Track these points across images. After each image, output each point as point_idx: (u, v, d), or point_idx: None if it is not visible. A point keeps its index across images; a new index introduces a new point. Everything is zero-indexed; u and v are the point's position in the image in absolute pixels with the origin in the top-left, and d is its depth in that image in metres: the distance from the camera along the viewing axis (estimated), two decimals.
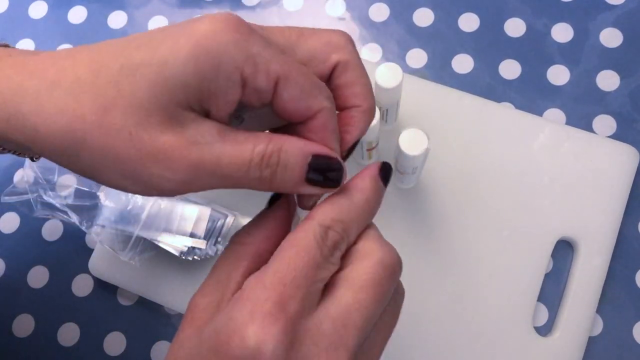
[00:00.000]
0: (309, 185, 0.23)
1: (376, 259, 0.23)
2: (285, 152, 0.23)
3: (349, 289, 0.22)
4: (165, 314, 0.45)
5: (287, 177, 0.23)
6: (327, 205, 0.24)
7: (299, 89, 0.23)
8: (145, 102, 0.22)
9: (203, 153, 0.22)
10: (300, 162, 0.23)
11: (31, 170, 0.43)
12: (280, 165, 0.23)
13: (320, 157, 0.23)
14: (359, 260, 0.23)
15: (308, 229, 0.23)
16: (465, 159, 0.44)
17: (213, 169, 0.22)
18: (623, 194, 0.43)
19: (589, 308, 0.41)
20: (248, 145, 0.22)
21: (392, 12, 0.51)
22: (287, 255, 0.22)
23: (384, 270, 0.23)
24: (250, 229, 0.25)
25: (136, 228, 0.41)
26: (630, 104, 0.47)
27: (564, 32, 0.49)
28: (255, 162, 0.22)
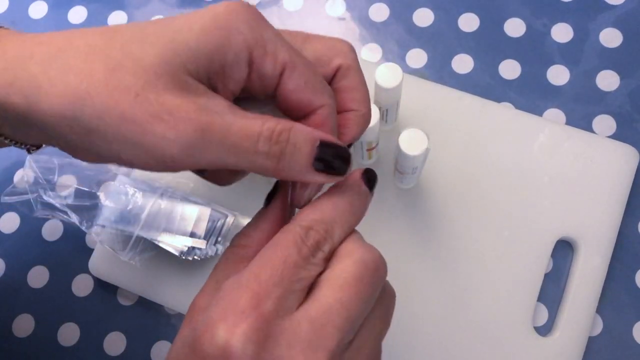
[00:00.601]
0: (315, 172, 0.23)
1: (356, 257, 0.23)
2: (295, 132, 0.23)
3: (329, 288, 0.22)
4: (165, 314, 0.45)
5: (296, 158, 0.23)
6: (309, 208, 0.24)
7: (304, 80, 0.23)
8: (155, 66, 0.22)
9: (213, 118, 0.22)
10: (309, 144, 0.23)
11: (31, 170, 0.43)
12: (290, 143, 0.23)
13: (329, 143, 0.23)
14: (340, 260, 0.23)
15: (289, 229, 0.23)
16: (465, 159, 0.44)
17: (222, 136, 0.22)
18: (623, 194, 0.43)
19: (589, 308, 0.41)
20: (258, 120, 0.22)
21: (392, 12, 0.51)
22: (266, 254, 0.22)
23: (365, 269, 0.22)
24: (248, 231, 0.25)
25: (136, 228, 0.41)
26: (630, 104, 0.47)
27: (564, 32, 0.49)
28: (265, 136, 0.22)
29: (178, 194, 0.43)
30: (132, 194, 0.42)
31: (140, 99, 0.21)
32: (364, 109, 0.26)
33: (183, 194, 0.43)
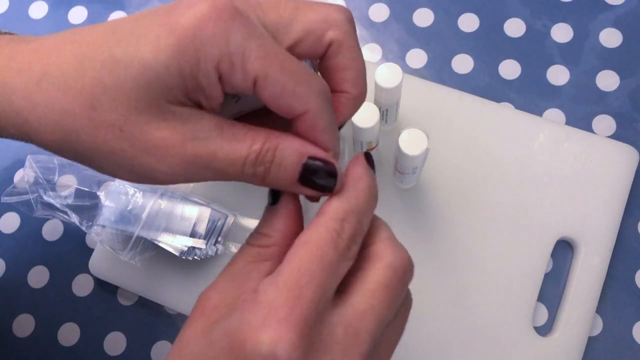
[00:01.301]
0: (303, 187, 0.23)
1: (388, 262, 0.22)
2: (281, 151, 0.22)
3: (361, 294, 0.22)
4: (165, 314, 0.45)
5: (281, 176, 0.23)
6: (337, 199, 0.23)
7: (280, 88, 0.22)
8: (133, 100, 0.21)
9: (199, 148, 0.22)
10: (294, 163, 0.23)
11: (31, 170, 0.43)
12: (275, 163, 0.22)
13: (316, 160, 0.23)
14: (371, 263, 0.23)
15: (321, 224, 0.22)
16: (465, 159, 0.44)
17: (208, 163, 0.22)
18: (623, 194, 0.43)
19: (589, 308, 0.41)
20: (246, 142, 0.22)
21: (392, 12, 0.51)
22: (301, 254, 0.21)
23: (395, 275, 0.22)
24: (264, 230, 0.24)
25: (136, 228, 0.41)
26: (630, 104, 0.47)
27: (564, 33, 0.49)
28: (251, 159, 0.22)
29: (178, 194, 0.43)
30: (132, 194, 0.42)
31: (125, 134, 0.22)
32: (355, 91, 0.25)
33: (183, 194, 0.43)
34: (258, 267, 0.23)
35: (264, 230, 0.24)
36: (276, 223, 0.24)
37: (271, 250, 0.23)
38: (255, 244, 0.24)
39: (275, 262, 0.23)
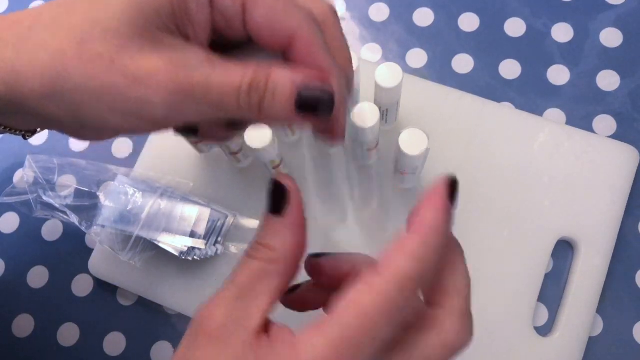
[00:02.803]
0: (300, 116, 0.22)
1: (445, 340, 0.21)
2: (274, 79, 0.22)
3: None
4: (165, 314, 0.45)
5: (276, 105, 0.22)
6: (401, 256, 0.20)
7: (268, 7, 0.22)
8: (123, 28, 0.21)
9: (192, 76, 0.21)
10: (288, 90, 0.22)
11: (31, 170, 0.43)
12: (268, 91, 0.22)
13: (310, 85, 0.22)
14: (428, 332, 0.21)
15: (382, 288, 0.19)
16: (465, 159, 0.44)
17: (202, 93, 0.21)
18: (623, 194, 0.43)
19: (589, 308, 0.41)
20: (238, 72, 0.22)
21: (392, 12, 0.51)
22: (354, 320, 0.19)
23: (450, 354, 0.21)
24: (269, 241, 0.22)
25: (136, 228, 0.41)
26: (630, 104, 0.47)
27: (564, 32, 0.49)
28: (244, 89, 0.21)
29: (178, 194, 0.43)
30: (131, 194, 0.42)
31: (116, 64, 0.21)
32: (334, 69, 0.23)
33: (183, 194, 0.43)
34: (264, 283, 0.21)
35: (268, 242, 0.22)
36: (282, 236, 0.22)
37: (277, 267, 0.22)
38: (259, 257, 0.22)
39: (282, 279, 0.22)
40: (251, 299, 0.21)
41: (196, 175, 0.46)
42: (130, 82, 0.21)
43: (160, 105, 0.21)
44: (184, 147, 0.45)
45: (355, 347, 0.19)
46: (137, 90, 0.21)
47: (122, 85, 0.21)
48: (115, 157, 0.49)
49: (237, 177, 0.45)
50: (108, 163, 0.46)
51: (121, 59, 0.21)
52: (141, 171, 0.46)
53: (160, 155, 0.47)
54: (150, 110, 0.22)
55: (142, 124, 0.23)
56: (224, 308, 0.21)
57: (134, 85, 0.21)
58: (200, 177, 0.46)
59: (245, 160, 0.45)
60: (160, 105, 0.21)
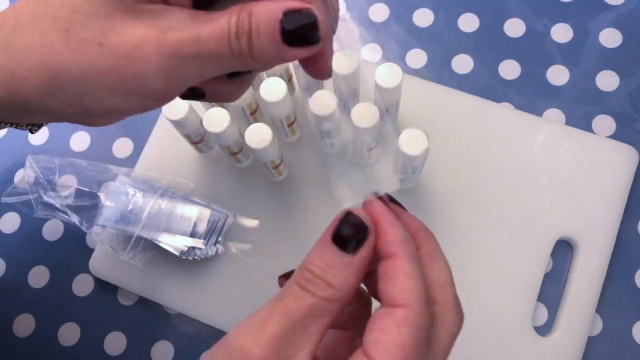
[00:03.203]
0: (291, 47, 0.21)
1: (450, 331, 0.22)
2: (255, 15, 0.21)
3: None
4: (166, 314, 0.45)
5: (264, 43, 0.21)
6: (408, 281, 0.20)
7: None
8: (102, 8, 0.21)
9: (180, 35, 0.21)
10: (271, 23, 0.21)
11: (32, 170, 0.43)
12: (253, 31, 0.21)
13: (291, 12, 0.21)
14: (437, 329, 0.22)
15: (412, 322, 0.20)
16: (465, 159, 0.44)
17: (195, 50, 0.21)
18: (623, 194, 0.43)
19: (589, 308, 0.41)
20: (223, 17, 0.21)
21: (392, 12, 0.51)
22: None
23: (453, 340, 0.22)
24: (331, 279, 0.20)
25: (136, 228, 0.41)
26: (630, 104, 0.47)
27: (564, 32, 0.49)
28: (234, 32, 0.21)
29: (178, 194, 0.43)
30: (132, 194, 0.42)
31: (105, 46, 0.21)
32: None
33: (183, 194, 0.43)
34: (319, 323, 0.20)
35: (330, 280, 0.20)
36: (346, 276, 0.20)
37: (334, 307, 0.20)
38: (319, 294, 0.20)
39: (334, 317, 0.21)
40: (303, 339, 0.20)
41: (196, 175, 0.46)
42: (124, 61, 0.21)
43: (157, 75, 0.22)
44: (184, 147, 0.46)
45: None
46: (131, 66, 0.21)
47: (115, 65, 0.21)
48: (115, 157, 0.49)
49: (237, 177, 0.45)
50: (109, 163, 0.46)
51: (108, 40, 0.21)
52: (142, 171, 0.46)
53: (160, 155, 0.47)
54: (149, 83, 0.22)
55: (146, 101, 0.23)
56: (271, 342, 0.19)
57: (128, 64, 0.21)
58: (200, 177, 0.46)
59: (245, 160, 0.45)
60: (157, 75, 0.22)
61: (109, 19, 0.21)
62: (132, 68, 0.21)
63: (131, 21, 0.21)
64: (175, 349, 0.44)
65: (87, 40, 0.21)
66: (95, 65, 0.21)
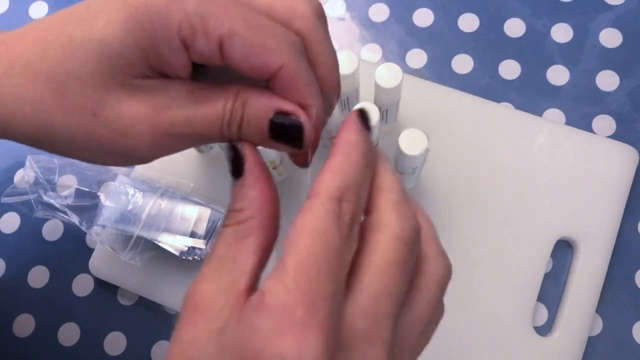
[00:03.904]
0: (275, 142, 0.23)
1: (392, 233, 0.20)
2: (249, 106, 0.22)
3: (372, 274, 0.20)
4: (166, 314, 0.45)
5: (252, 132, 0.22)
6: (327, 174, 0.21)
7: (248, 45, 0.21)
8: (97, 80, 0.21)
9: (175, 115, 0.22)
10: (261, 118, 0.22)
11: (32, 170, 0.43)
12: (245, 119, 0.22)
13: (281, 113, 0.22)
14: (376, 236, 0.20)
15: (318, 207, 0.20)
16: (465, 159, 0.44)
17: (187, 131, 0.22)
18: (623, 194, 0.43)
19: (589, 308, 0.41)
20: (219, 101, 0.22)
21: (392, 12, 0.51)
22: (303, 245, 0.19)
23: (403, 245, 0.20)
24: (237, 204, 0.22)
25: (136, 228, 0.41)
26: (630, 104, 0.47)
27: (564, 33, 0.49)
28: (227, 120, 0.22)
29: (178, 194, 0.43)
30: (132, 194, 0.42)
31: (99, 119, 0.22)
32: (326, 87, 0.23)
33: (183, 194, 0.43)
34: (242, 247, 0.21)
35: (237, 206, 0.22)
36: (247, 193, 0.22)
37: (250, 224, 0.21)
38: (231, 223, 0.21)
39: (258, 235, 0.21)
40: (231, 265, 0.20)
41: (196, 175, 0.46)
42: (116, 135, 0.22)
43: (146, 149, 0.22)
44: None
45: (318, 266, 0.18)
46: (122, 141, 0.22)
47: (106, 138, 0.22)
48: None
49: None
50: None
51: (102, 112, 0.22)
52: (141, 171, 0.46)
53: None
54: (138, 154, 0.23)
55: (134, 163, 0.24)
56: (206, 280, 0.20)
57: (119, 138, 0.22)
58: (200, 177, 0.46)
59: None
60: (147, 149, 0.22)
61: (104, 91, 0.21)
62: (123, 142, 0.22)
63: (126, 96, 0.22)
64: None
65: (80, 108, 0.21)
66: (87, 132, 0.22)
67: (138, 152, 0.22)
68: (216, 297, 0.20)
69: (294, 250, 0.19)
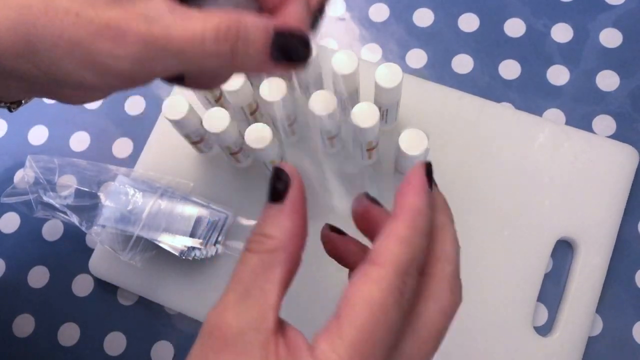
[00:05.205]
0: (275, 64, 0.22)
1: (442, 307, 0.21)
2: (245, 25, 0.21)
3: (415, 341, 0.21)
4: (166, 314, 0.45)
5: (250, 53, 0.22)
6: (394, 243, 0.20)
7: None
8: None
9: (151, 26, 0.21)
10: (262, 37, 0.21)
11: (31, 170, 0.44)
12: (241, 39, 0.21)
13: (284, 32, 0.22)
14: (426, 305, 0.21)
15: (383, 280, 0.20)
16: (465, 159, 0.44)
17: (164, 44, 0.21)
18: (623, 194, 0.43)
19: (589, 308, 0.41)
20: (199, 19, 0.21)
21: (392, 12, 0.51)
22: (364, 317, 0.19)
23: (448, 320, 0.22)
24: (269, 230, 0.21)
25: (136, 228, 0.41)
26: (630, 104, 0.47)
27: (564, 32, 0.49)
28: (210, 36, 0.21)
29: (178, 194, 0.43)
30: (132, 194, 0.42)
31: (81, 19, 0.21)
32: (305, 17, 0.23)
33: (183, 194, 0.43)
34: (269, 278, 0.21)
35: (267, 231, 0.21)
36: (281, 224, 0.21)
37: (278, 256, 0.21)
38: (259, 249, 0.21)
39: (284, 268, 0.21)
40: (259, 297, 0.20)
41: (196, 175, 0.46)
42: (93, 35, 0.21)
43: (125, 58, 0.22)
44: (184, 147, 0.46)
45: (373, 342, 0.19)
46: (100, 44, 0.21)
47: (87, 39, 0.22)
48: (115, 157, 0.49)
49: (237, 177, 0.45)
50: (108, 163, 0.46)
51: (86, 13, 0.21)
52: (141, 171, 0.46)
53: (160, 155, 0.47)
54: (118, 64, 0.22)
55: (115, 80, 0.23)
56: (234, 311, 0.20)
57: (99, 40, 0.21)
58: (200, 177, 0.46)
59: (245, 160, 0.45)
60: (126, 59, 0.22)
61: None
62: (101, 45, 0.22)
63: (112, 2, 0.22)
64: (175, 349, 0.44)
65: (65, 9, 0.21)
66: (67, 36, 0.22)
67: (117, 61, 0.22)
68: (246, 332, 0.20)
69: (353, 319, 0.19)
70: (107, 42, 0.21)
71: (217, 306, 0.21)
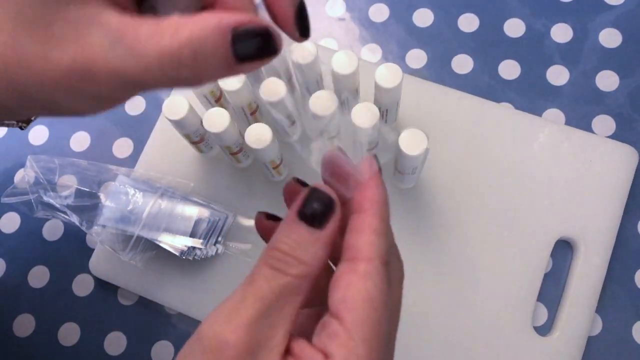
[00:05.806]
0: (244, 63, 0.19)
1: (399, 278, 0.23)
2: (197, 40, 0.18)
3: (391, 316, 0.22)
4: (166, 313, 0.45)
5: (214, 65, 0.19)
6: (374, 237, 0.21)
7: None
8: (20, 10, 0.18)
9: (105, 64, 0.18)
10: (220, 44, 0.18)
11: (32, 170, 0.44)
12: (198, 58, 0.18)
13: (242, 28, 0.18)
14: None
15: (375, 274, 0.20)
16: (465, 159, 0.44)
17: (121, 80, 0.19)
18: (622, 194, 0.43)
19: (589, 308, 0.41)
20: (150, 46, 0.18)
21: (392, 12, 0.51)
22: (367, 314, 0.20)
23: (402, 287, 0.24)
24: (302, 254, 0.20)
25: (137, 228, 0.41)
26: (630, 104, 0.47)
27: (564, 33, 0.49)
28: (167, 64, 0.18)
29: (178, 194, 0.43)
30: (132, 194, 0.42)
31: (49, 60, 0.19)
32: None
33: (183, 194, 0.43)
34: (292, 301, 0.20)
35: (301, 256, 0.20)
36: (317, 251, 0.20)
37: (304, 284, 0.20)
38: (289, 272, 0.20)
39: (305, 295, 0.20)
40: (279, 319, 0.20)
41: (196, 175, 0.46)
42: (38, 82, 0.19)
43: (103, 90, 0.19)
44: (184, 147, 0.46)
45: (382, 334, 0.20)
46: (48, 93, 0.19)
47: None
48: (115, 157, 0.49)
49: (237, 177, 0.45)
50: (109, 163, 0.46)
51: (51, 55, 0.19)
52: (142, 171, 0.46)
53: (160, 155, 0.47)
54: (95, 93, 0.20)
55: (102, 105, 0.21)
56: (247, 328, 0.19)
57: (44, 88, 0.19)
58: (200, 177, 0.46)
59: (245, 160, 0.45)
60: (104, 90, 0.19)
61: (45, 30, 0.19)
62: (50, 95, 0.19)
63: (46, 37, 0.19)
64: (176, 349, 0.44)
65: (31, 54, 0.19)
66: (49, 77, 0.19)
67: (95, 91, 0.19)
68: (259, 354, 0.19)
69: (359, 318, 0.20)
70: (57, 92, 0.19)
71: (227, 318, 0.19)
